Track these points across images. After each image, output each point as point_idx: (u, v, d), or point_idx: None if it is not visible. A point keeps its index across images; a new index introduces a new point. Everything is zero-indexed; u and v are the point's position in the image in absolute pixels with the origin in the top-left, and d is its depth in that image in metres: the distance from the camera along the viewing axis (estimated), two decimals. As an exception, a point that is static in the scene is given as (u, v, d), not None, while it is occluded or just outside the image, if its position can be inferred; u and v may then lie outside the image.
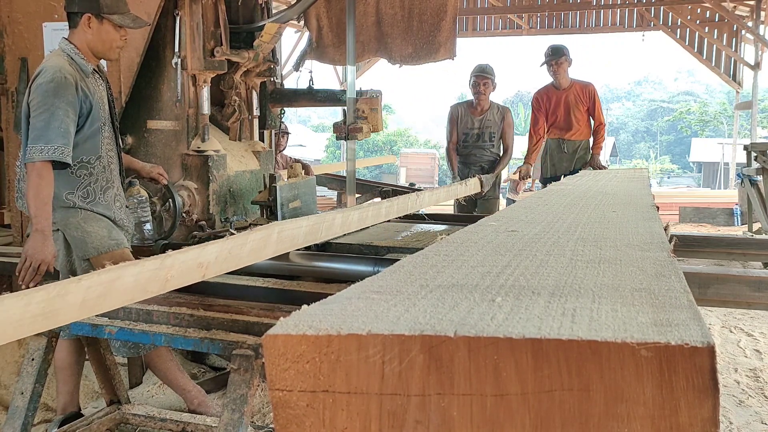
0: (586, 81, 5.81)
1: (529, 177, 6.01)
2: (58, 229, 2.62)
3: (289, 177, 3.62)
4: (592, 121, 5.78)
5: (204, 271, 1.75)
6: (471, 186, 4.54)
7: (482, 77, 5.51)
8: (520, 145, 7.59)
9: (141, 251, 2.79)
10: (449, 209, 6.47)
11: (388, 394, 0.67)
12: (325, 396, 0.68)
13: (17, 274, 2.46)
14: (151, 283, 1.60)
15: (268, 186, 3.51)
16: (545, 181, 5.70)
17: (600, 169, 5.50)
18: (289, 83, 8.43)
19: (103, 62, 2.91)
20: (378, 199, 5.41)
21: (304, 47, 5.58)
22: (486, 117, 5.57)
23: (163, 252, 1.69)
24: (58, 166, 2.51)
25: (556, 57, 5.58)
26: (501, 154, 5.70)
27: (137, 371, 3.44)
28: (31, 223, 2.54)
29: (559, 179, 3.89)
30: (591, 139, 5.79)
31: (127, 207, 2.90)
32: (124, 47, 2.85)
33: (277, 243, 2.00)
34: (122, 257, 2.70)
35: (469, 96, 5.82)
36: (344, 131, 4.19)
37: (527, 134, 6.03)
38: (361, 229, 3.32)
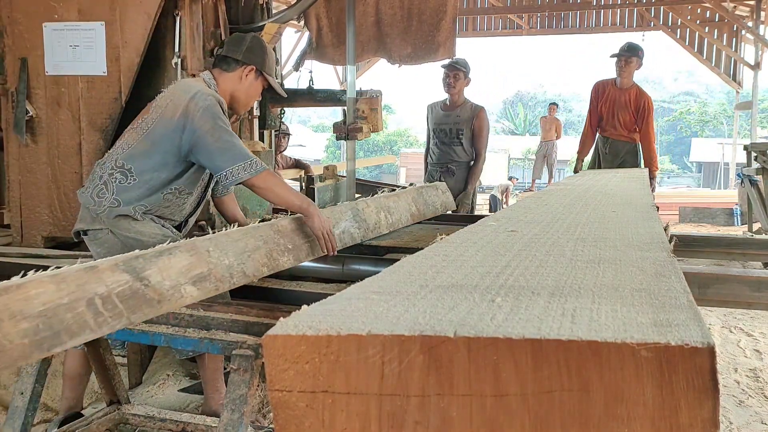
0: (646, 95, 5.51)
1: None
2: (108, 230, 2.55)
3: (325, 179, 3.61)
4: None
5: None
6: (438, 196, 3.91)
7: (453, 68, 5.00)
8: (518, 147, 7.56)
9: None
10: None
11: (388, 394, 0.67)
12: (324, 396, 0.68)
13: (325, 251, 2.54)
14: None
15: (305, 187, 3.46)
16: None
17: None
18: (289, 83, 8.44)
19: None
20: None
21: (304, 47, 5.58)
22: (455, 113, 5.03)
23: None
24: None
25: (628, 54, 5.35)
26: (472, 160, 5.06)
27: (137, 371, 3.43)
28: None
29: None
30: (638, 145, 5.52)
31: None
32: None
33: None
34: None
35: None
36: (344, 131, 4.18)
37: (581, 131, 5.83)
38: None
